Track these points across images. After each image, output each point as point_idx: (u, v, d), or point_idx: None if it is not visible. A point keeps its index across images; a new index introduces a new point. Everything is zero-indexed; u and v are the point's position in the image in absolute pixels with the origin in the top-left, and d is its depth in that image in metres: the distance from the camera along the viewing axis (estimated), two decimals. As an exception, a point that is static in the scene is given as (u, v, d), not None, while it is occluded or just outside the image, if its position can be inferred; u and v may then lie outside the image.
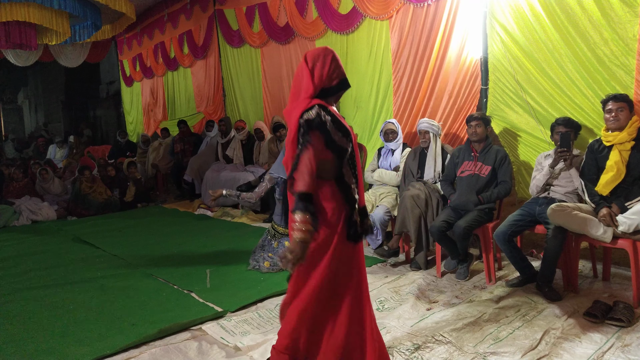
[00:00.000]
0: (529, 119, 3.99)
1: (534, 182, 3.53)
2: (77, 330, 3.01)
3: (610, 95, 3.11)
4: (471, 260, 3.73)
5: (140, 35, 10.26)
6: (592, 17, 3.48)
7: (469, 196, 3.63)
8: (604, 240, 2.98)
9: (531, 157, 4.00)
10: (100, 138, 16.30)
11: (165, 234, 5.60)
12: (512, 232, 3.32)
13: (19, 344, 2.87)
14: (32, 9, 6.63)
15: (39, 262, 4.68)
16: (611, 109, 3.06)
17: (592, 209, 3.11)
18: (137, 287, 3.76)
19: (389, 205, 4.18)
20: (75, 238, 5.64)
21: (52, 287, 3.88)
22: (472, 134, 3.72)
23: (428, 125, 4.17)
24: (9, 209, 6.75)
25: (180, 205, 7.45)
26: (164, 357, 2.62)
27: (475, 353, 2.49)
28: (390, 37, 5.10)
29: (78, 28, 8.38)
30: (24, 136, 18.34)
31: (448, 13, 4.47)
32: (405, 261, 4.09)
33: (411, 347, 2.56)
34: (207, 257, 4.52)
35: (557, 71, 3.75)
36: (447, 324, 2.83)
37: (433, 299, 3.28)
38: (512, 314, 2.93)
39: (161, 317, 3.11)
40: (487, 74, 4.25)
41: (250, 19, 7.08)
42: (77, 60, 10.51)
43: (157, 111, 10.30)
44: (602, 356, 2.42)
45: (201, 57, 8.45)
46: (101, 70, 16.77)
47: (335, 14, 5.61)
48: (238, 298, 3.37)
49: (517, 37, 3.96)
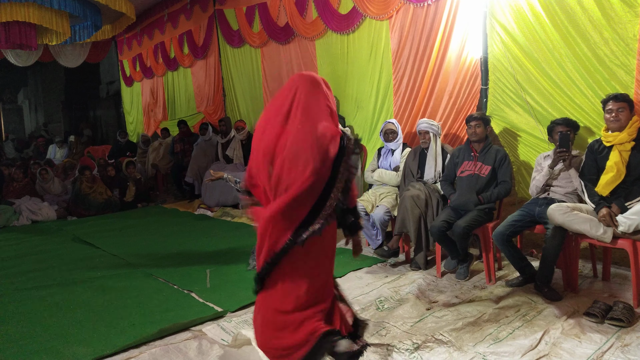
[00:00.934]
0: (529, 118, 3.99)
1: (534, 182, 3.53)
2: (77, 330, 3.01)
3: (611, 95, 3.10)
4: (471, 260, 3.73)
5: (140, 35, 10.26)
6: (592, 16, 3.48)
7: (469, 196, 3.63)
8: (604, 240, 2.98)
9: (531, 157, 4.00)
10: (100, 138, 16.29)
11: (165, 234, 5.61)
12: (510, 233, 3.32)
13: (19, 344, 2.87)
14: (32, 9, 6.63)
15: (39, 262, 4.68)
16: (612, 109, 3.05)
17: (592, 209, 3.11)
18: (137, 287, 3.76)
19: (389, 205, 4.18)
20: (75, 238, 5.64)
21: (52, 287, 3.88)
22: (472, 134, 3.72)
23: (428, 126, 4.17)
24: (9, 209, 6.76)
25: (180, 205, 7.45)
26: (164, 357, 2.62)
27: (475, 353, 2.49)
28: (390, 37, 5.10)
29: (78, 28, 8.38)
30: (24, 136, 18.33)
31: (448, 13, 4.47)
32: (405, 261, 4.09)
33: (411, 346, 2.56)
34: (207, 257, 4.52)
35: (557, 71, 3.75)
36: (447, 324, 2.83)
37: (433, 299, 3.28)
38: (512, 314, 2.93)
39: (161, 317, 3.12)
40: (487, 74, 4.25)
41: (250, 19, 7.08)
42: (77, 60, 10.51)
43: (157, 111, 10.30)
44: (601, 356, 2.42)
45: (201, 57, 8.45)
46: (101, 70, 16.76)
47: (335, 13, 5.61)
48: (238, 298, 3.37)
49: (517, 37, 3.96)
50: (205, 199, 7.00)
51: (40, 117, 19.36)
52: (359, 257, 4.25)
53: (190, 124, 8.73)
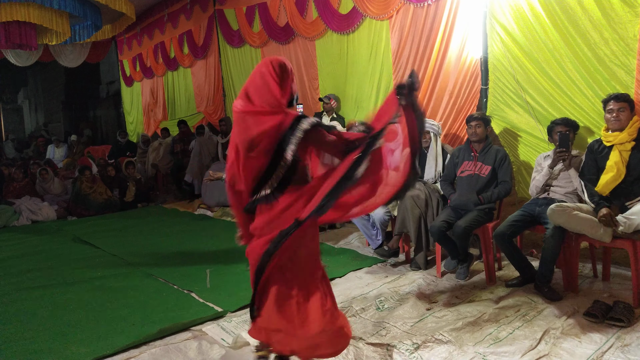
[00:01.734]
0: (529, 118, 3.99)
1: (534, 182, 3.53)
2: (77, 330, 3.01)
3: (612, 95, 3.10)
4: (471, 260, 3.72)
5: (140, 35, 10.27)
6: (592, 17, 3.48)
7: (469, 196, 3.63)
8: (604, 240, 2.98)
9: (531, 157, 4.00)
10: (100, 138, 16.31)
11: (165, 234, 5.61)
12: (511, 233, 3.32)
13: (19, 344, 2.87)
14: (32, 9, 6.64)
15: (39, 262, 4.68)
16: (612, 109, 3.05)
17: (592, 209, 3.11)
18: (137, 287, 3.76)
19: (389, 205, 4.17)
20: (75, 238, 5.64)
21: (52, 287, 3.88)
22: (472, 134, 3.71)
23: (428, 126, 4.16)
24: (9, 209, 6.75)
25: (180, 205, 7.45)
26: (164, 357, 2.62)
27: (475, 353, 2.49)
28: (391, 37, 5.10)
29: (78, 28, 8.39)
30: (24, 136, 18.35)
31: (448, 13, 4.47)
32: (405, 261, 4.09)
33: (411, 346, 2.56)
34: (207, 257, 4.52)
35: (557, 71, 3.75)
36: (447, 324, 2.83)
37: (433, 299, 3.28)
38: (512, 314, 2.92)
39: (161, 317, 3.11)
40: (487, 73, 4.25)
41: (250, 19, 7.08)
42: (77, 60, 10.52)
43: (157, 111, 10.31)
44: (601, 356, 2.42)
45: (201, 57, 8.45)
46: (101, 70, 16.79)
47: (335, 13, 5.61)
48: (238, 298, 3.37)
49: (517, 37, 3.96)
50: (205, 199, 7.00)
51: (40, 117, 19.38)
52: (359, 257, 4.26)
53: (190, 124, 8.74)
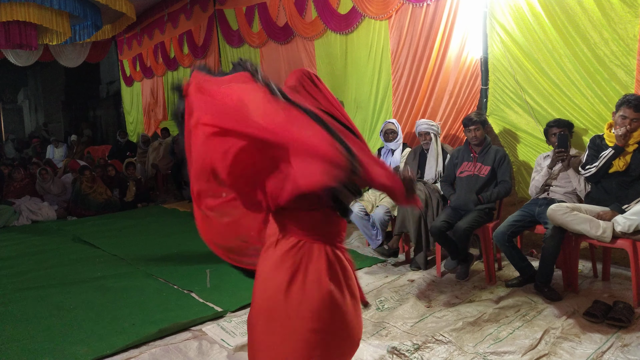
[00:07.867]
0: (529, 118, 3.99)
1: (533, 183, 3.53)
2: (77, 330, 3.01)
3: (631, 101, 2.96)
4: (471, 260, 3.73)
5: (140, 35, 10.27)
6: (592, 17, 3.48)
7: (468, 196, 3.63)
8: (604, 240, 2.98)
9: (531, 157, 4.00)
10: (100, 138, 16.31)
11: (165, 234, 5.60)
12: (511, 233, 3.32)
13: (19, 344, 2.87)
14: (32, 9, 6.64)
15: (39, 262, 4.68)
16: (626, 116, 2.98)
17: (592, 208, 3.10)
18: (137, 287, 3.76)
19: (389, 205, 4.17)
20: (75, 238, 5.64)
21: (52, 287, 3.88)
22: (472, 138, 3.71)
23: (428, 127, 4.17)
24: (9, 209, 6.75)
25: (180, 205, 7.45)
26: (164, 357, 2.62)
27: (475, 353, 2.50)
28: (390, 37, 5.10)
29: (78, 28, 8.39)
30: (24, 136, 18.35)
31: (448, 13, 4.47)
32: (405, 261, 4.09)
33: (411, 347, 2.56)
34: (207, 257, 4.49)
35: (556, 71, 3.75)
36: (447, 324, 2.83)
37: (433, 298, 3.28)
38: (512, 314, 2.93)
39: (161, 317, 3.11)
40: (487, 74, 4.24)
41: (249, 19, 7.07)
42: (77, 60, 10.52)
43: (157, 111, 10.30)
44: (601, 356, 2.42)
45: (201, 57, 8.45)
46: (101, 70, 16.79)
47: (334, 13, 5.61)
48: (238, 298, 3.37)
49: (517, 37, 3.96)
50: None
51: (40, 117, 19.37)
52: (359, 257, 4.26)
53: (190, 124, 8.72)
